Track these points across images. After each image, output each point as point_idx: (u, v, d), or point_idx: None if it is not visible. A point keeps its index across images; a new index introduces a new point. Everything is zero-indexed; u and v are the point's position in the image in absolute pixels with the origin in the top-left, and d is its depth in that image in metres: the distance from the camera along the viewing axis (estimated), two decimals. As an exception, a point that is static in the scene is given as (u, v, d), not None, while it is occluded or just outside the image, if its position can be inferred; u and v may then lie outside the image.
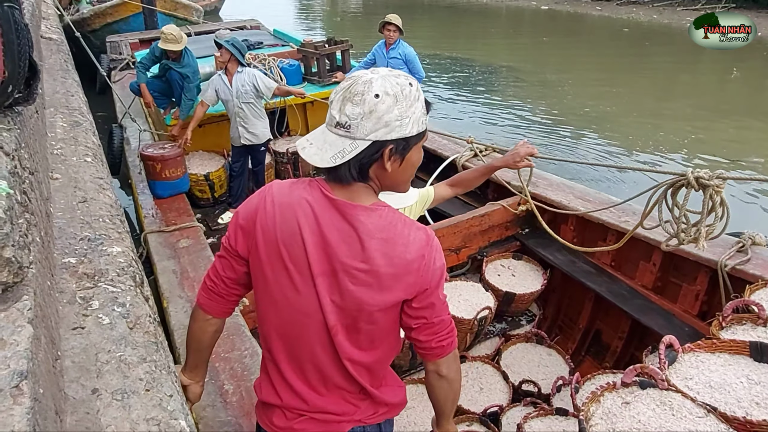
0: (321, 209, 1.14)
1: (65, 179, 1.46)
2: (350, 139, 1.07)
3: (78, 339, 0.89)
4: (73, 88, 2.79)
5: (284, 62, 5.31)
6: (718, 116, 9.22)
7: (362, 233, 1.11)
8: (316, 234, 1.13)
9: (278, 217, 1.16)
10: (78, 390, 0.80)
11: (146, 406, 0.80)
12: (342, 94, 1.08)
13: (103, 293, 1.03)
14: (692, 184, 2.22)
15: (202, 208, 4.81)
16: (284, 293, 1.18)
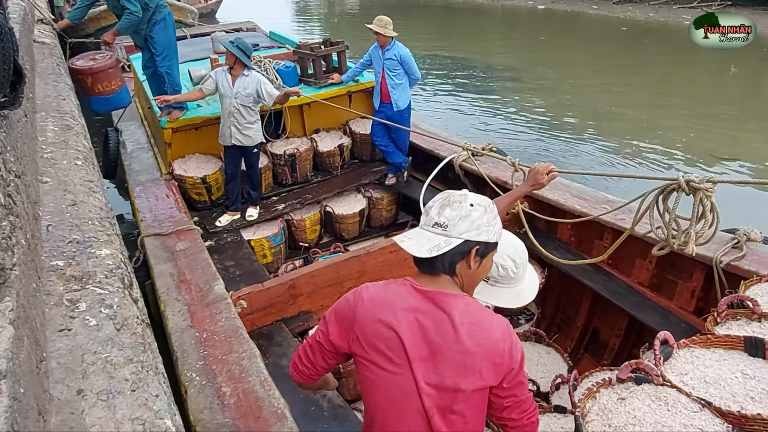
0: (416, 300, 1.30)
1: (55, 182, 1.46)
2: (446, 237, 1.29)
3: (64, 341, 0.90)
4: (65, 92, 2.79)
5: (280, 64, 5.31)
6: (716, 113, 9.23)
7: (454, 318, 1.26)
8: (413, 322, 1.28)
9: (377, 310, 1.32)
10: (63, 391, 0.80)
11: (131, 405, 0.80)
12: (440, 202, 1.33)
13: (90, 295, 1.03)
14: (683, 188, 2.24)
15: (200, 210, 4.81)
16: (385, 378, 1.31)
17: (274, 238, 4.69)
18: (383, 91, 4.90)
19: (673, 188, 2.36)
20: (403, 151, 5.20)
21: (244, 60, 4.18)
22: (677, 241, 2.46)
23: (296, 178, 5.22)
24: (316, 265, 3.69)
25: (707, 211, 2.28)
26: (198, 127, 4.80)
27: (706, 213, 2.30)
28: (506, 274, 1.72)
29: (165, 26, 4.57)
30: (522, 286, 1.77)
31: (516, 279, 1.74)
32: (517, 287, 1.75)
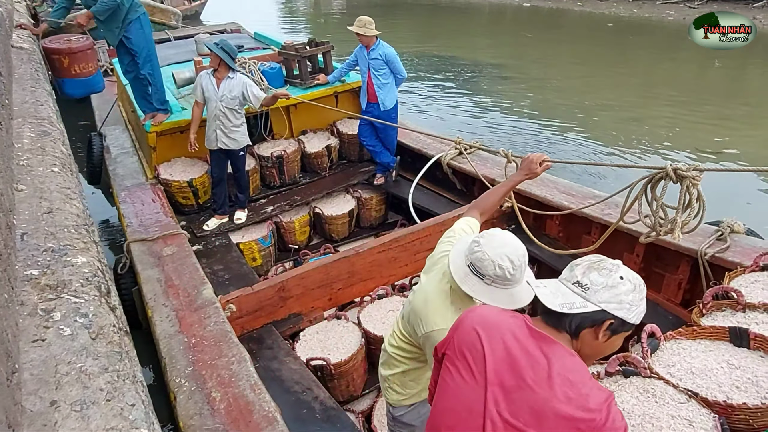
0: (521, 334, 1.28)
1: (30, 190, 1.44)
2: (583, 299, 1.25)
3: (38, 351, 0.88)
4: (43, 98, 2.75)
5: (265, 65, 5.28)
6: (701, 106, 9.31)
7: (553, 366, 1.22)
8: (506, 349, 1.27)
9: (479, 322, 1.33)
10: (36, 402, 0.79)
11: (106, 416, 0.79)
12: (589, 263, 1.29)
13: (65, 304, 1.02)
14: (671, 176, 2.26)
15: (187, 215, 4.77)
16: (458, 386, 1.31)
17: (263, 240, 4.66)
18: (370, 91, 4.89)
19: (661, 176, 2.39)
20: (391, 151, 5.20)
21: (229, 62, 4.14)
22: (664, 228, 2.49)
23: (284, 180, 5.19)
24: (305, 267, 3.67)
25: (693, 199, 2.30)
26: (183, 130, 4.76)
27: (693, 201, 2.32)
28: (503, 275, 1.70)
29: (140, 26, 4.47)
30: (518, 289, 1.75)
31: (512, 281, 1.72)
32: (512, 289, 1.74)
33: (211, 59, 4.17)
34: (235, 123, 4.30)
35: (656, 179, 2.47)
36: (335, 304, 3.82)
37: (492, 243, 1.73)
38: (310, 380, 3.02)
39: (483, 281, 1.72)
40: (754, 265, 2.59)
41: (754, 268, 2.57)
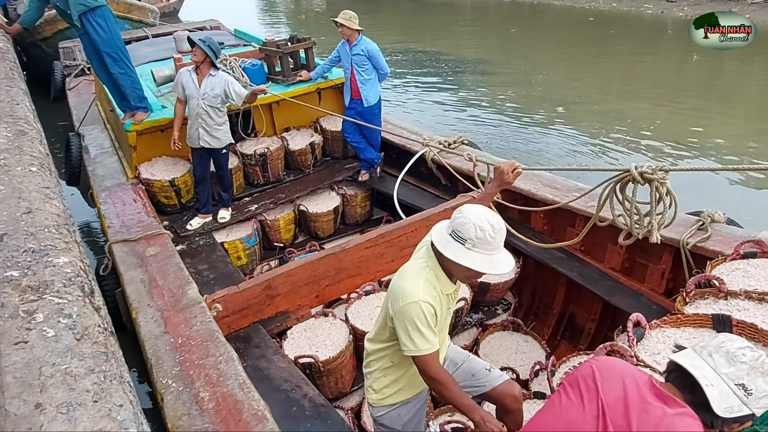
0: (644, 384, 1.32)
1: (8, 190, 1.40)
2: (742, 404, 1.22)
3: (20, 354, 0.86)
4: (19, 97, 2.68)
5: (246, 62, 5.22)
6: (681, 100, 9.44)
7: (665, 418, 1.24)
8: (628, 394, 1.30)
9: (596, 366, 1.40)
10: (20, 406, 0.76)
11: (94, 417, 0.77)
12: (753, 362, 1.25)
13: (48, 305, 0.99)
14: (637, 179, 2.27)
15: (170, 215, 4.70)
16: (564, 408, 1.38)
17: (248, 239, 4.62)
18: (353, 87, 4.87)
19: (628, 179, 2.39)
20: (375, 147, 5.19)
21: (214, 60, 4.08)
22: (641, 230, 2.51)
23: (268, 178, 5.15)
24: (291, 264, 3.65)
25: (664, 197, 2.32)
26: (164, 129, 4.69)
27: (663, 199, 2.34)
28: (483, 237, 1.75)
29: (94, 22, 4.17)
30: (498, 256, 1.80)
31: (492, 245, 1.77)
32: (492, 255, 1.78)
33: (195, 54, 4.09)
34: (217, 121, 4.25)
35: (624, 181, 2.47)
36: (322, 302, 3.80)
37: (472, 209, 1.83)
38: (299, 378, 3.00)
39: (464, 246, 1.79)
40: (734, 253, 2.64)
41: (734, 256, 2.62)
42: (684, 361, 1.28)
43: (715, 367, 1.25)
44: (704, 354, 1.29)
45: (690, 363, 1.27)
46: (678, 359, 1.29)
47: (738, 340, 1.29)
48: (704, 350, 1.30)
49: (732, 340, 1.29)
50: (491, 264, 1.77)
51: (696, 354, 1.30)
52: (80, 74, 7.22)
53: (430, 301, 1.88)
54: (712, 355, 1.27)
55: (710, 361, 1.27)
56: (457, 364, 2.27)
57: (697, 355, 1.29)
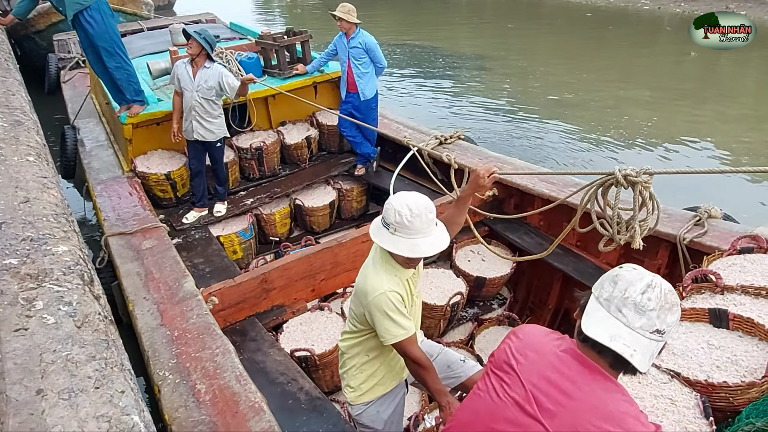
0: (565, 361, 1.30)
1: (5, 179, 1.39)
2: (658, 342, 1.22)
3: (21, 341, 0.85)
4: (14, 87, 2.66)
5: (243, 55, 5.19)
6: (678, 97, 9.47)
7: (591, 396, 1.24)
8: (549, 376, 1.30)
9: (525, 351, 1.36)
10: (21, 392, 0.76)
11: (95, 403, 0.76)
12: (661, 303, 1.21)
13: (47, 293, 0.98)
14: (621, 182, 2.25)
15: (165, 208, 4.68)
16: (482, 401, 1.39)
17: (244, 233, 4.61)
18: (349, 81, 4.86)
19: (611, 182, 2.37)
20: (372, 142, 5.17)
21: (209, 52, 4.07)
22: (623, 236, 2.48)
23: (264, 172, 5.13)
24: (287, 258, 3.64)
25: (647, 200, 2.30)
26: (160, 122, 4.66)
27: (646, 203, 2.32)
28: (401, 221, 1.79)
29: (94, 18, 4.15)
30: (421, 239, 1.81)
31: (411, 229, 1.80)
32: (414, 239, 1.81)
33: (191, 47, 4.07)
34: (211, 114, 4.23)
35: (607, 185, 2.44)
36: (318, 296, 3.80)
37: (398, 195, 1.87)
38: (295, 371, 3.01)
39: (388, 231, 1.83)
40: (731, 248, 2.65)
41: (731, 251, 2.64)
42: (602, 335, 1.21)
43: (628, 323, 1.21)
44: (613, 310, 1.23)
45: (609, 336, 1.21)
46: (595, 335, 1.22)
47: (638, 281, 1.23)
48: (611, 305, 1.23)
49: (632, 283, 1.23)
50: (412, 248, 1.79)
51: (607, 313, 1.23)
52: (75, 67, 7.17)
53: (396, 289, 1.93)
54: (621, 311, 1.22)
55: (622, 318, 1.21)
56: (432, 356, 2.29)
57: (609, 315, 1.23)
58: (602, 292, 1.26)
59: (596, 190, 2.39)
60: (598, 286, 1.30)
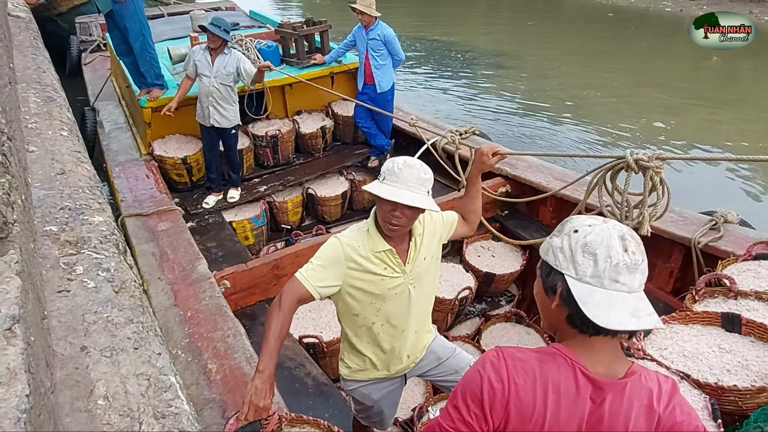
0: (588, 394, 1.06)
1: (41, 152, 1.42)
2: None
3: (63, 301, 0.88)
4: (45, 65, 2.71)
5: (262, 43, 5.21)
6: (697, 102, 9.37)
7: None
8: (582, 417, 1.06)
9: (538, 400, 1.06)
10: (66, 347, 0.79)
11: (135, 362, 0.80)
12: (639, 248, 1.05)
13: (86, 259, 1.02)
14: (632, 166, 2.19)
15: (180, 192, 4.73)
16: None
17: (256, 219, 4.65)
18: (367, 72, 4.87)
19: (621, 166, 2.31)
20: (386, 134, 5.19)
21: (219, 33, 4.07)
22: (630, 222, 2.43)
23: (278, 160, 5.17)
24: (299, 246, 3.67)
25: (657, 186, 2.25)
26: (178, 106, 4.70)
27: (657, 188, 2.27)
28: (392, 168, 1.71)
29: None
30: (404, 191, 1.68)
31: (399, 177, 1.69)
32: (398, 188, 1.69)
33: (214, 41, 4.08)
34: (228, 100, 4.26)
35: (616, 169, 2.38)
36: (329, 284, 3.83)
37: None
38: (303, 356, 3.04)
39: (379, 180, 1.75)
40: (746, 254, 2.65)
41: (746, 257, 2.63)
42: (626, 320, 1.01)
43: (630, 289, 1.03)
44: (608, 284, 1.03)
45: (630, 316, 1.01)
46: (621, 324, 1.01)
47: (610, 239, 1.03)
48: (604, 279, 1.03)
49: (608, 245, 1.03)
50: (394, 193, 1.67)
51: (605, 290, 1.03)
52: (96, 50, 7.23)
53: (350, 243, 1.82)
54: (618, 280, 1.02)
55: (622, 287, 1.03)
56: (442, 358, 2.20)
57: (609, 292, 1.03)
58: (582, 270, 1.05)
59: (605, 174, 2.35)
60: (567, 265, 1.07)
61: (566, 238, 1.07)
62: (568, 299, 1.05)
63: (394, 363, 2.07)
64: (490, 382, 1.07)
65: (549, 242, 1.12)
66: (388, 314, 1.92)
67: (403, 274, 1.87)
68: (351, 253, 1.81)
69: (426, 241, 1.92)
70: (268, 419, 1.65)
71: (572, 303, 1.04)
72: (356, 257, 1.81)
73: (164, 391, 0.75)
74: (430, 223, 1.96)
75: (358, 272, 1.82)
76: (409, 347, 2.05)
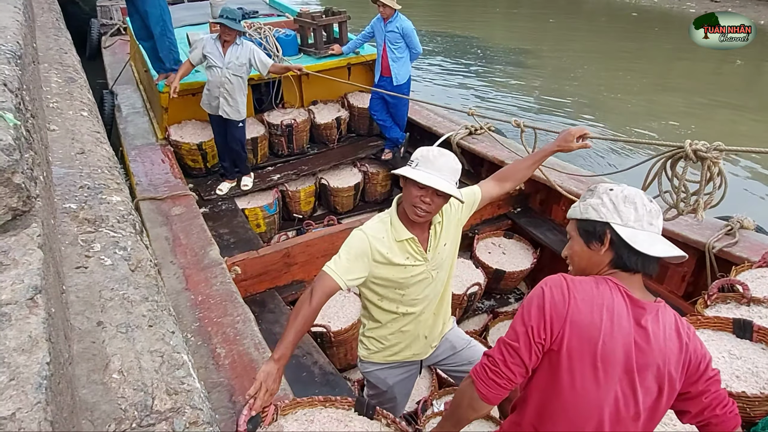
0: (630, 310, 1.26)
1: (62, 131, 1.45)
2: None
3: (81, 277, 0.90)
4: (66, 46, 2.74)
5: (280, 32, 5.22)
6: (721, 103, 9.21)
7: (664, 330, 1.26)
8: (630, 334, 1.23)
9: (595, 316, 1.22)
10: (83, 322, 0.81)
11: (150, 339, 0.82)
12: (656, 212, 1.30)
13: (104, 237, 1.04)
14: (690, 156, 2.21)
15: (195, 177, 4.77)
16: (584, 386, 1.24)
17: (269, 207, 4.68)
18: (383, 65, 4.86)
19: (680, 156, 2.32)
20: (401, 127, 5.18)
21: (236, 26, 4.02)
22: (686, 207, 2.44)
23: (292, 149, 5.18)
24: (310, 235, 3.69)
25: (715, 176, 2.26)
26: (195, 92, 4.72)
27: (714, 179, 2.28)
28: (426, 155, 1.75)
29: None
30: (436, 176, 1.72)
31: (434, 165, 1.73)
32: (431, 173, 1.72)
33: (229, 34, 4.03)
34: (238, 91, 4.21)
35: (676, 158, 2.41)
36: (338, 275, 3.85)
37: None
38: (311, 345, 3.07)
39: (409, 166, 1.79)
40: (761, 261, 2.61)
41: (761, 263, 2.60)
42: (669, 250, 1.27)
43: (658, 230, 1.29)
44: (647, 226, 1.28)
45: (662, 250, 1.26)
46: (666, 252, 1.26)
47: (638, 193, 1.31)
48: (643, 222, 1.28)
49: (639, 196, 1.30)
50: (427, 178, 1.71)
51: (647, 233, 1.27)
52: (116, 33, 7.29)
53: (375, 235, 1.86)
54: (653, 223, 1.28)
55: (655, 229, 1.29)
56: (457, 348, 2.24)
57: (650, 234, 1.28)
58: (626, 217, 1.27)
59: (665, 162, 2.37)
60: (612, 215, 1.28)
61: (604, 195, 1.30)
62: (618, 242, 1.26)
63: (413, 344, 2.11)
64: (552, 294, 1.24)
65: (585, 203, 1.33)
66: (411, 299, 1.98)
67: (425, 262, 1.92)
68: (376, 245, 1.85)
69: (445, 228, 1.95)
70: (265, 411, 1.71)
71: (622, 244, 1.26)
72: (381, 248, 1.85)
73: (177, 368, 0.77)
74: (447, 210, 1.98)
75: (383, 263, 1.87)
76: (428, 329, 2.11)
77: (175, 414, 0.68)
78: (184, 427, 0.67)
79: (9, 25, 1.12)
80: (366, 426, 1.95)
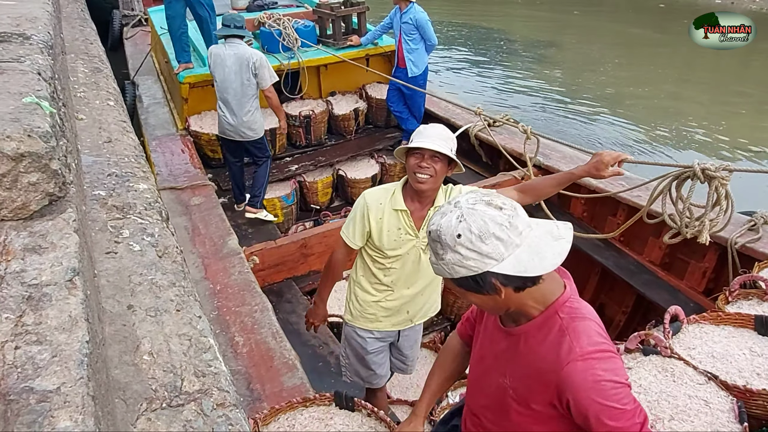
0: None
1: (89, 120, 1.48)
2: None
3: (111, 262, 0.93)
4: (92, 37, 2.79)
5: (299, 23, 5.23)
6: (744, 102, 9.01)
7: None
8: None
9: None
10: (114, 305, 0.84)
11: (178, 323, 0.84)
12: (510, 214, 1.06)
13: (132, 224, 1.07)
14: (698, 175, 2.18)
15: (214, 168, 4.83)
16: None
17: (286, 198, 4.71)
18: (399, 56, 4.86)
19: (688, 175, 2.29)
20: (418, 119, 5.17)
21: (241, 32, 3.85)
22: (690, 230, 2.42)
23: (310, 140, 5.21)
24: (328, 226, 3.72)
25: (722, 199, 2.23)
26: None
27: (721, 201, 2.25)
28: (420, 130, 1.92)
29: None
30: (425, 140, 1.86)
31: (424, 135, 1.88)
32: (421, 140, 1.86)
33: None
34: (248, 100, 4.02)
35: (683, 178, 2.38)
36: (355, 265, 3.87)
37: None
38: (327, 335, 3.10)
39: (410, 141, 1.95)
40: (785, 257, 2.57)
41: (784, 260, 2.55)
42: (551, 260, 1.06)
43: (531, 228, 1.08)
44: (518, 241, 1.04)
45: (552, 257, 1.07)
46: (552, 265, 1.06)
47: (493, 211, 1.05)
48: (513, 240, 1.05)
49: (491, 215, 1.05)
50: (417, 143, 1.85)
51: (523, 246, 1.05)
52: (137, 24, 7.36)
53: (374, 199, 2.00)
54: (521, 232, 1.05)
55: (525, 232, 1.07)
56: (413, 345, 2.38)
57: (524, 245, 1.06)
58: (498, 253, 1.04)
59: (671, 182, 2.35)
60: (482, 263, 1.05)
61: (459, 247, 1.04)
62: (510, 280, 1.07)
63: (395, 316, 2.22)
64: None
65: (446, 263, 1.08)
66: (398, 272, 2.09)
67: (415, 238, 2.02)
68: (372, 204, 1.99)
69: None
70: None
71: (514, 279, 1.06)
72: (375, 211, 1.99)
73: (204, 352, 0.79)
74: None
75: (374, 225, 2.00)
76: (412, 305, 2.20)
77: (203, 395, 0.71)
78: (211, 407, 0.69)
79: (40, 16, 1.15)
80: (347, 420, 1.98)
